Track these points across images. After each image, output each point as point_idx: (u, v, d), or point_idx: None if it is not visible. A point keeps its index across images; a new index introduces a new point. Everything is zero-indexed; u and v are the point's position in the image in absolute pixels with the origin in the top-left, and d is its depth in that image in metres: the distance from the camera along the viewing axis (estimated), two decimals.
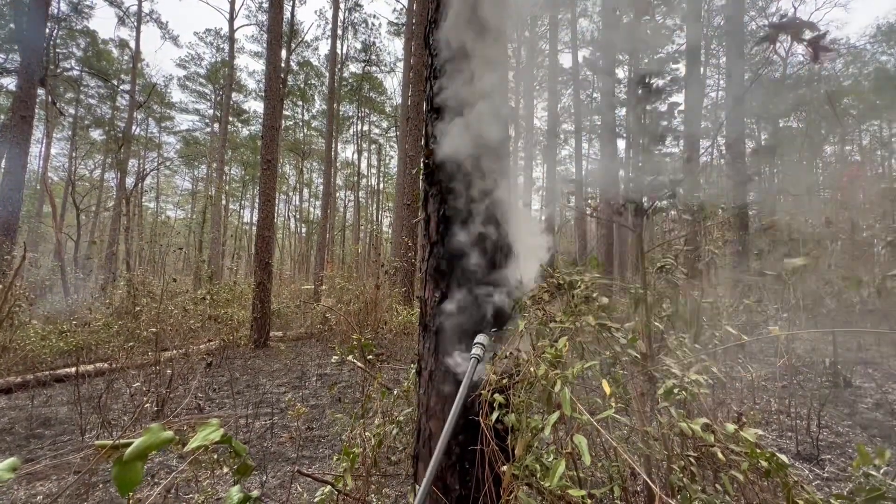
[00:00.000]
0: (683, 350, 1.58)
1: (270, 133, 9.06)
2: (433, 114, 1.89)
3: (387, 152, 33.00)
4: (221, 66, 25.49)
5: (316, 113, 29.02)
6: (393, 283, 9.60)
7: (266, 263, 8.42)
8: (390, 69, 26.49)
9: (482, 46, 1.89)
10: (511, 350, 1.38)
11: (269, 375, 5.73)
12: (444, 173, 1.75)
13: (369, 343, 2.77)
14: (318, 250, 16.84)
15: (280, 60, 9.99)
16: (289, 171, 32.85)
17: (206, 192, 25.38)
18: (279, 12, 9.52)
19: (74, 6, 20.27)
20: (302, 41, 23.27)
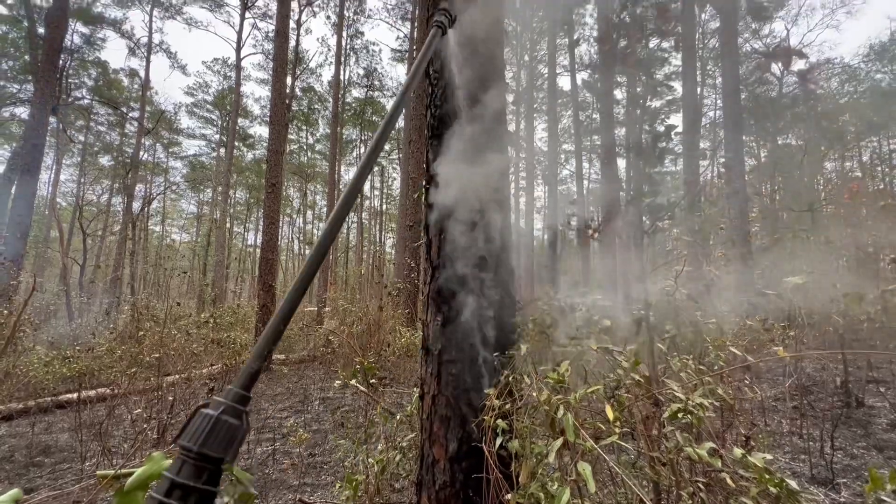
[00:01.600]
0: (687, 372, 1.57)
1: (275, 157, 9.23)
2: (434, 140, 1.94)
3: (389, 174, 33.41)
4: (228, 92, 26.15)
5: (320, 137, 29.55)
6: (396, 305, 9.58)
7: (269, 286, 8.44)
8: (393, 94, 27.05)
9: (480, 75, 1.95)
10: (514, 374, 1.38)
11: (272, 399, 5.67)
12: (445, 199, 1.78)
13: (372, 367, 2.76)
14: (321, 272, 16.86)
15: (285, 87, 10.26)
16: (293, 194, 33.24)
17: (210, 216, 25.66)
18: (285, 42, 9.83)
19: (87, 38, 20.99)
20: (306, 68, 23.91)
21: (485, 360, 1.62)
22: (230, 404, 0.49)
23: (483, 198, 1.70)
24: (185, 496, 0.44)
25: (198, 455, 0.45)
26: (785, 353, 1.73)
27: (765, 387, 4.84)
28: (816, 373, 5.56)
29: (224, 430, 0.47)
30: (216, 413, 0.48)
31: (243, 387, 0.52)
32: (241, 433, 0.49)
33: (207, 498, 0.45)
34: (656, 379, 1.57)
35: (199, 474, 0.45)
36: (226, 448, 0.47)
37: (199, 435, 0.46)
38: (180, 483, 0.44)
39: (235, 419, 0.49)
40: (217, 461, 0.46)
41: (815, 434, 3.46)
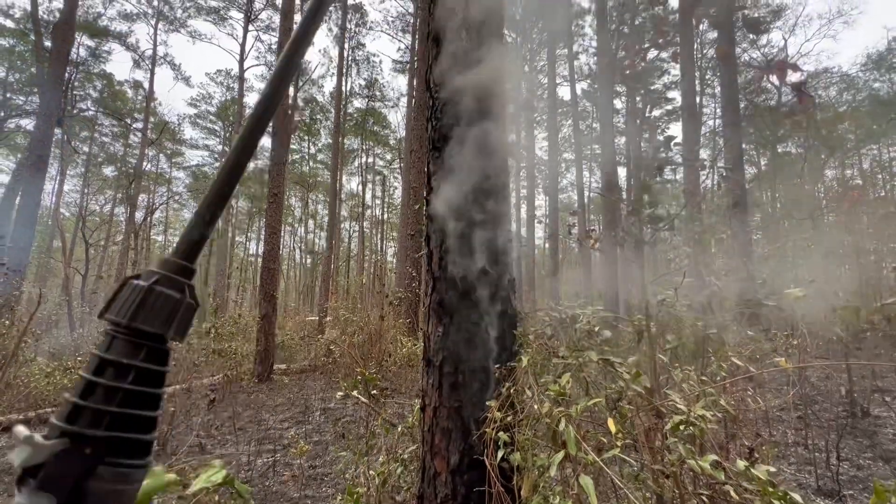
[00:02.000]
0: (689, 383, 1.57)
1: (277, 168, 9.29)
2: (435, 152, 1.96)
3: (391, 183, 33.55)
4: (231, 103, 26.41)
5: (322, 146, 29.76)
6: (397, 314, 9.56)
7: (271, 296, 8.44)
8: (394, 104, 27.32)
9: (480, 88, 1.97)
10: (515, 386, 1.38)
11: (273, 410, 5.64)
12: (446, 210, 1.80)
13: (373, 377, 2.75)
14: (323, 281, 16.88)
15: (287, 98, 10.35)
16: (294, 204, 33.37)
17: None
18: None
19: (93, 51, 21.29)
20: (308, 79, 24.16)
21: (486, 372, 1.62)
22: (165, 274, 0.42)
23: (484, 210, 1.72)
24: (121, 374, 0.38)
25: (128, 329, 0.39)
26: (787, 363, 1.73)
27: (769, 396, 4.81)
28: (821, 382, 5.52)
29: (160, 303, 0.40)
30: (147, 283, 0.41)
31: (182, 256, 0.44)
32: (185, 308, 0.42)
33: (151, 378, 0.39)
34: (658, 390, 1.57)
35: (135, 351, 0.39)
36: (165, 323, 0.40)
37: (129, 307, 0.39)
38: (111, 360, 0.38)
39: (174, 291, 0.41)
40: (156, 338, 0.40)
41: (821, 445, 3.42)
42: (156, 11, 21.65)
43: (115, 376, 0.38)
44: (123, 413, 0.37)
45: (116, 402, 0.37)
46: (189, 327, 0.43)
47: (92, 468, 0.34)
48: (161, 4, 21.53)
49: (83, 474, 0.34)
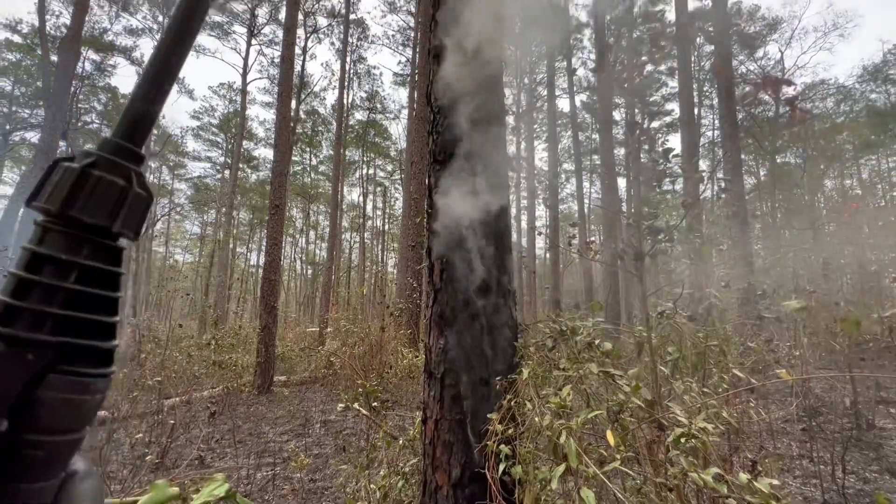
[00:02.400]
0: (691, 395, 1.57)
1: (279, 179, 9.35)
2: (436, 165, 1.98)
3: (392, 194, 33.72)
4: (233, 116, 26.69)
5: (323, 158, 29.98)
6: (398, 325, 9.53)
7: (272, 307, 8.43)
8: (395, 116, 27.59)
9: (479, 103, 2.01)
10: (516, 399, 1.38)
11: (272, 423, 5.60)
12: (447, 223, 1.82)
13: (374, 390, 2.74)
14: (324, 292, 16.87)
15: (290, 111, 10.48)
16: (296, 215, 33.50)
17: (214, 237, 25.87)
18: (290, 68, 10.09)
19: (98, 65, 21.60)
20: (311, 92, 24.44)
21: (488, 384, 1.62)
22: (104, 156, 0.34)
23: (484, 223, 1.74)
24: (60, 272, 0.32)
25: (63, 219, 0.32)
26: (789, 375, 1.73)
27: (772, 408, 4.77)
28: (825, 393, 5.47)
29: (100, 190, 0.33)
30: (80, 164, 0.33)
31: (125, 136, 0.36)
32: (133, 197, 0.35)
33: (100, 278, 0.34)
34: (660, 402, 1.57)
35: (76, 246, 0.33)
36: (108, 213, 0.33)
37: (61, 191, 0.32)
38: (47, 255, 0.32)
39: (117, 177, 0.34)
40: (100, 231, 0.33)
41: (826, 457, 3.39)
42: (161, 27, 21.99)
43: (54, 274, 0.32)
44: (71, 316, 0.32)
45: (59, 303, 0.32)
46: (143, 223, 0.37)
47: (40, 376, 0.30)
48: (165, 19, 21.88)
49: (30, 382, 0.29)
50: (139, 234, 0.37)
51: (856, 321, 1.55)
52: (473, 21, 2.11)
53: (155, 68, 0.38)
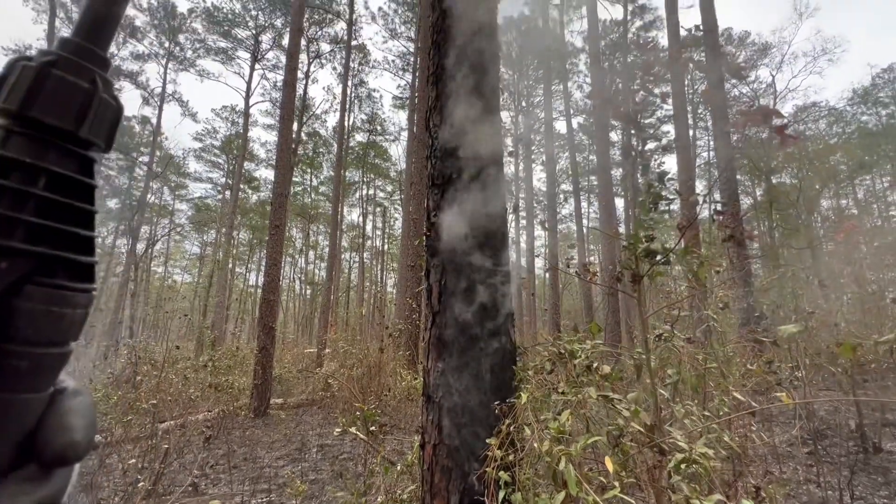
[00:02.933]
0: (691, 419, 1.55)
1: (280, 200, 9.43)
2: (435, 189, 2.01)
3: (391, 214, 33.91)
4: (235, 138, 27.07)
5: (323, 179, 30.27)
6: (397, 346, 9.45)
7: (270, 328, 8.38)
8: (394, 138, 28.00)
9: (478, 129, 2.06)
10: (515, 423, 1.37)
11: (268, 447, 5.49)
12: (446, 246, 1.83)
13: (372, 413, 2.71)
14: (322, 312, 16.78)
15: (291, 133, 10.64)
16: (295, 235, 33.61)
17: (213, 257, 25.87)
18: (292, 92, 10.30)
19: None
20: (312, 114, 24.87)
21: (487, 409, 1.61)
22: (64, 55, 0.31)
23: (482, 246, 1.75)
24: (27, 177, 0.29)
25: (24, 120, 0.29)
26: (790, 398, 1.72)
27: (776, 430, 4.69)
28: (829, 415, 5.39)
29: (62, 91, 0.30)
30: (38, 63, 0.30)
31: (86, 36, 0.33)
32: (99, 102, 0.32)
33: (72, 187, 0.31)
34: (660, 426, 1.55)
35: (41, 150, 0.30)
36: (74, 117, 0.31)
37: (20, 90, 0.29)
38: (9, 158, 0.29)
39: (79, 79, 0.31)
40: (67, 136, 0.31)
41: (833, 482, 3.32)
42: (167, 52, 22.55)
43: (20, 180, 0.29)
44: (44, 225, 0.30)
45: (29, 210, 0.30)
46: (114, 133, 0.35)
47: (16, 286, 0.28)
48: (172, 46, 22.45)
49: (6, 292, 0.28)
50: (111, 145, 0.35)
51: (851, 346, 1.55)
52: (472, 51, 2.18)
53: None
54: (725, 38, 21.79)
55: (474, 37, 2.23)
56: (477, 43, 2.21)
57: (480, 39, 2.23)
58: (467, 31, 2.23)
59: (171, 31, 22.03)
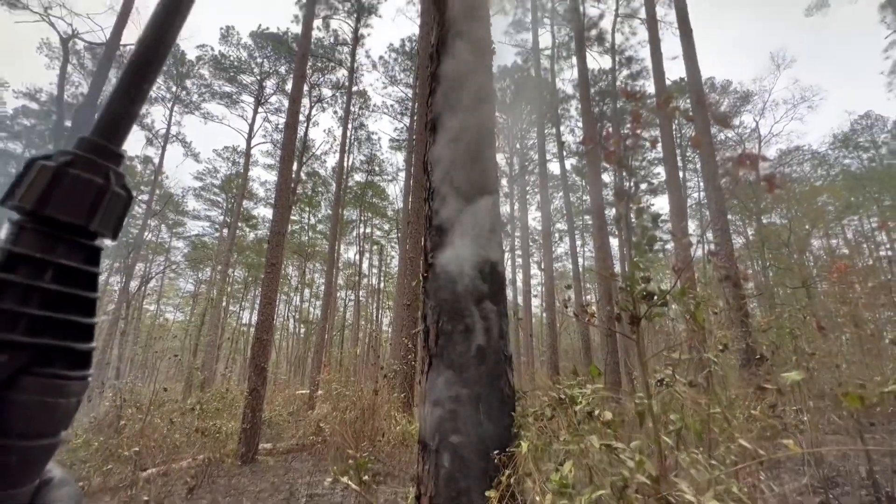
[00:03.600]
0: (697, 468, 1.50)
1: (277, 238, 9.46)
2: (432, 231, 2.04)
3: (388, 252, 34.01)
4: (235, 177, 27.52)
5: (321, 218, 30.56)
6: (392, 388, 9.19)
7: (261, 368, 8.17)
8: (392, 178, 28.57)
9: (474, 171, 2.11)
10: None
11: (255, 497, 5.21)
12: (443, 288, 1.83)
13: (365, 461, 2.60)
14: (316, 352, 16.44)
15: (291, 174, 10.84)
16: (291, 272, 33.49)
17: (207, 295, 25.61)
18: (293, 134, 10.60)
19: None
20: (312, 155, 25.47)
21: (486, 458, 1.54)
22: (82, 155, 0.34)
23: (479, 290, 1.75)
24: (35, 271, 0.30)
25: (38, 218, 0.31)
26: (796, 447, 1.67)
27: (785, 478, 4.52)
28: (839, 461, 5.21)
29: (77, 188, 0.33)
30: (57, 163, 0.33)
31: (103, 135, 0.35)
32: (111, 196, 0.34)
33: (77, 278, 0.32)
34: (665, 477, 1.49)
35: (51, 245, 0.32)
36: (86, 213, 0.33)
37: (36, 190, 0.31)
38: (21, 254, 0.30)
39: (94, 175, 0.34)
40: (77, 230, 0.33)
41: None
42: (174, 96, 23.33)
43: (28, 274, 0.31)
44: (46, 317, 0.31)
45: (34, 303, 0.31)
46: (121, 223, 0.37)
47: (13, 378, 0.29)
48: (179, 90, 23.27)
49: (2, 385, 0.28)
50: (118, 234, 0.37)
51: (858, 397, 1.53)
52: (467, 99, 2.27)
53: (135, 67, 0.37)
54: (709, 86, 22.91)
55: (471, 84, 2.33)
56: (473, 91, 2.31)
57: (476, 87, 2.33)
58: (463, 78, 2.34)
59: (179, 76, 22.91)
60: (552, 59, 21.13)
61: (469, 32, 2.38)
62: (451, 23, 2.40)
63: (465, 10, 2.43)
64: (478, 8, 2.32)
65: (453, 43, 2.31)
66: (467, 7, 2.44)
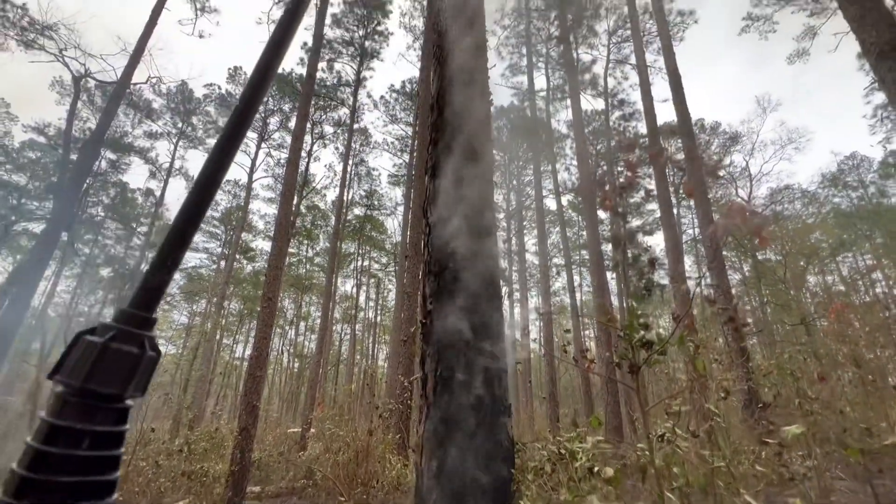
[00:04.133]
0: None
1: (274, 272, 9.44)
2: (431, 277, 2.05)
3: (385, 286, 33.87)
4: (235, 210, 27.76)
5: (319, 250, 30.62)
6: (387, 427, 8.91)
7: (253, 406, 7.94)
8: (391, 212, 28.88)
9: (473, 217, 2.15)
10: None
11: None
12: (442, 335, 1.83)
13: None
14: (310, 388, 16.04)
15: (291, 208, 10.96)
16: (287, 305, 33.16)
17: (201, 328, 25.24)
18: (295, 170, 10.80)
19: (113, 163, 22.98)
20: (312, 189, 25.82)
21: None
22: (123, 328, 0.38)
23: (478, 335, 1.75)
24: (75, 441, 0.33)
25: (83, 392, 0.35)
26: (804, 499, 1.63)
27: None
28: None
29: (117, 361, 0.36)
30: (103, 339, 0.36)
31: (140, 306, 0.40)
32: (146, 362, 0.38)
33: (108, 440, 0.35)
34: None
35: (91, 415, 0.35)
36: (122, 382, 0.36)
37: (83, 367, 0.35)
38: (64, 427, 0.34)
39: (132, 346, 0.38)
40: (113, 398, 0.36)
41: None
42: (179, 132, 23.90)
43: (68, 444, 0.34)
44: (78, 482, 0.33)
45: (70, 471, 0.33)
46: (150, 380, 0.40)
47: None
48: (185, 126, 23.87)
49: None
50: (146, 391, 0.41)
51: (859, 450, 1.51)
52: (466, 147, 2.35)
53: (172, 242, 0.43)
54: (699, 127, 23.69)
55: (470, 133, 2.42)
56: (472, 140, 2.39)
57: (475, 135, 2.42)
58: (463, 127, 2.43)
59: (186, 113, 23.55)
60: (547, 100, 21.92)
61: (468, 85, 2.49)
62: (451, 76, 2.52)
63: (464, 64, 2.56)
64: (476, 68, 2.44)
65: (453, 96, 2.42)
66: (466, 61, 2.57)
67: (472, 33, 2.55)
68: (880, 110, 18.87)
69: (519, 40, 21.30)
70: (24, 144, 21.62)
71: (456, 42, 2.50)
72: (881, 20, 4.76)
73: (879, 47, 4.64)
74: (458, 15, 2.54)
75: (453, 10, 2.56)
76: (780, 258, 20.46)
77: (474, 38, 2.57)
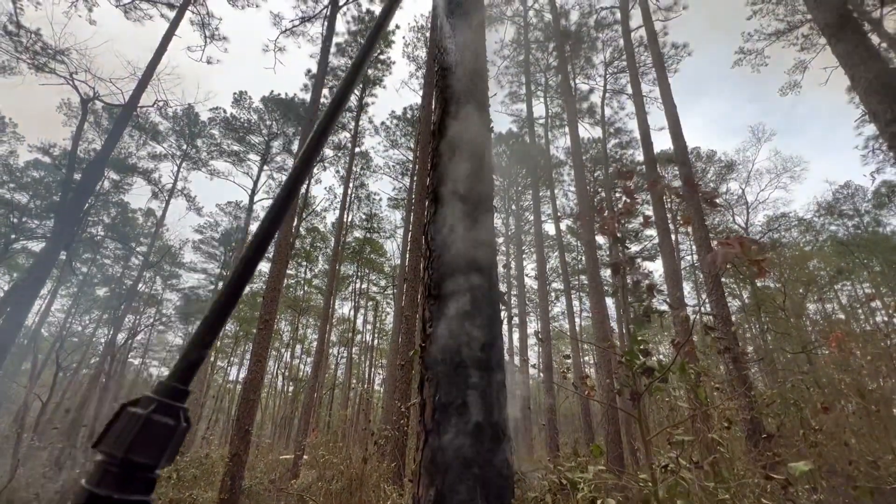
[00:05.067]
0: None
1: (272, 294, 9.40)
2: (430, 300, 2.05)
3: (383, 308, 33.63)
4: (235, 231, 27.85)
5: (318, 272, 30.55)
6: (382, 455, 8.68)
7: (245, 431, 7.77)
8: (390, 235, 28.99)
9: (474, 242, 2.17)
10: None
11: None
12: (441, 359, 1.81)
13: None
14: (304, 413, 15.71)
15: (291, 230, 11.01)
16: (284, 327, 32.84)
17: None
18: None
19: (116, 184, 23.17)
20: (312, 211, 25.99)
21: None
22: (163, 401, 0.42)
23: (479, 361, 1.74)
24: None
25: (123, 462, 0.39)
26: None
27: None
28: None
29: (156, 432, 0.41)
30: (146, 412, 0.40)
31: (179, 379, 0.44)
32: (179, 433, 0.42)
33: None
34: None
35: (127, 484, 0.38)
36: (158, 453, 0.40)
37: (126, 438, 0.39)
38: (102, 496, 0.37)
39: (170, 418, 0.42)
40: (148, 468, 0.40)
41: None
42: (182, 154, 24.22)
43: None
44: None
45: None
46: (178, 450, 0.44)
47: None
48: (189, 148, 24.20)
49: None
50: (174, 460, 0.44)
51: (868, 490, 1.48)
52: (468, 173, 2.39)
53: (212, 320, 0.47)
54: (694, 155, 24.11)
55: (469, 160, 2.46)
56: (473, 167, 2.43)
57: (475, 162, 2.46)
58: (464, 154, 2.47)
59: (191, 135, 23.93)
60: (545, 127, 22.38)
61: (468, 112, 2.55)
62: (452, 103, 2.58)
63: (465, 91, 2.63)
64: (477, 91, 2.51)
65: (453, 122, 2.47)
66: (467, 89, 2.64)
67: (474, 63, 2.63)
68: (871, 141, 19.27)
69: (518, 69, 21.92)
70: (28, 164, 21.85)
71: (457, 70, 2.57)
72: (869, 56, 4.93)
73: (868, 81, 4.79)
74: (461, 47, 2.63)
75: (456, 42, 2.65)
76: (779, 286, 20.47)
77: (475, 67, 2.64)
